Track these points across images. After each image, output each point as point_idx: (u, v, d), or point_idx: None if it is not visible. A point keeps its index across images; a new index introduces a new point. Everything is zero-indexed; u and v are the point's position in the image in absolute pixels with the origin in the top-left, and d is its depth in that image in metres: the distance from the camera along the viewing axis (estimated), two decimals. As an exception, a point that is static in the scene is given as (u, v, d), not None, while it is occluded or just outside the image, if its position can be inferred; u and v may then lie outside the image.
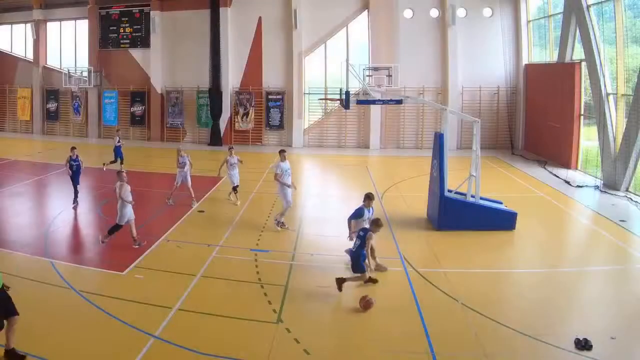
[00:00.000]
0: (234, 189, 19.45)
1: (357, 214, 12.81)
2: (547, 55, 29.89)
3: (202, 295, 11.77)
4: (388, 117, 33.09)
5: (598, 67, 22.87)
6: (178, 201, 19.57)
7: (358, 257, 11.65)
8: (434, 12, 32.57)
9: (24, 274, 9.22)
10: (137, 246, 14.07)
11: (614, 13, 22.13)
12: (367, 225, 12.22)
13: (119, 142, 25.50)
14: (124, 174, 14.90)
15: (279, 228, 16.34)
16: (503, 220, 16.28)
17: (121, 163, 25.17)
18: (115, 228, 14.42)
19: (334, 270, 12.84)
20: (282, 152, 16.77)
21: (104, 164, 25.34)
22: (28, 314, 8.96)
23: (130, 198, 14.55)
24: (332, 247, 14.68)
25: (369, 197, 13.06)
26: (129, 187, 14.60)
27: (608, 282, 12.75)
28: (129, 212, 14.55)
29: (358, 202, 13.46)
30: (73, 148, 19.95)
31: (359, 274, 11.71)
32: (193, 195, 19.39)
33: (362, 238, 11.62)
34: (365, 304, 10.65)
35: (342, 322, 10.80)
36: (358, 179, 24.72)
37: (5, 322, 8.54)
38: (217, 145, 34.12)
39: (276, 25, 34.27)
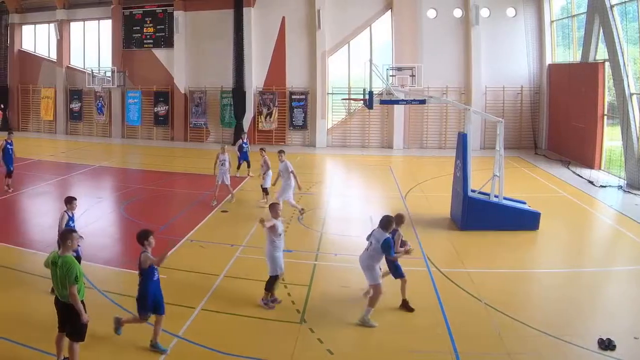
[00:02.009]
0: (265, 190, 19.90)
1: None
2: (570, 55, 31.12)
3: (225, 295, 12.12)
4: (411, 117, 34.36)
5: (621, 67, 23.78)
6: (207, 199, 20.40)
7: (394, 263, 11.29)
8: (458, 12, 33.83)
9: (48, 274, 9.02)
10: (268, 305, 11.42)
11: (638, 13, 23.02)
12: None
13: (245, 142, 24.97)
14: (279, 208, 12.04)
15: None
16: (526, 220, 16.76)
17: (248, 167, 25.37)
18: (273, 281, 11.58)
19: (357, 270, 12.30)
20: (281, 152, 18.52)
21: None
22: (52, 314, 8.99)
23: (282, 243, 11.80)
24: (356, 247, 14.30)
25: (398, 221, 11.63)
26: (281, 226, 11.72)
27: (631, 282, 13.03)
28: (281, 259, 11.72)
29: (381, 203, 13.81)
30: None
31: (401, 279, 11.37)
32: (232, 193, 20.51)
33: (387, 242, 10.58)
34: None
35: None
36: (381, 179, 25.62)
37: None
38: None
39: (300, 25, 35.67)
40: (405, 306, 11.19)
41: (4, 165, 21.84)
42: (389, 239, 10.60)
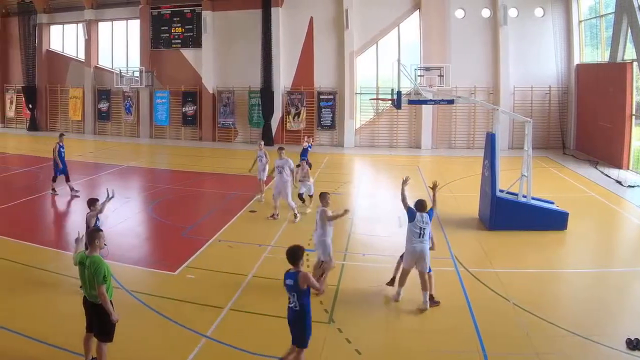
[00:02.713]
0: (301, 197, 19.87)
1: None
2: (598, 55, 32.35)
3: (253, 295, 12.52)
4: (439, 117, 35.83)
5: (649, 67, 24.64)
6: (235, 199, 21.23)
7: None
8: (486, 12, 35.24)
9: (76, 274, 9.46)
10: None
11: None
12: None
13: (310, 145, 24.06)
14: (329, 197, 13.14)
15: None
16: (554, 220, 17.28)
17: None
18: (320, 265, 12.70)
19: (385, 270, 13.40)
20: (280, 149, 19.29)
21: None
22: (80, 315, 9.34)
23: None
24: (384, 247, 15.74)
25: None
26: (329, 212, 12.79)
27: (660, 282, 13.38)
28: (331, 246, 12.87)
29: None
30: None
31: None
32: (262, 190, 21.16)
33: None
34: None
35: (393, 321, 11.56)
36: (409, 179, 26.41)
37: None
38: (268, 145, 36.71)
39: (327, 25, 37.32)
40: (432, 301, 11.74)
41: (57, 168, 22.62)
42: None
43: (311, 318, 8.93)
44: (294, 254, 8.82)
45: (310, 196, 19.98)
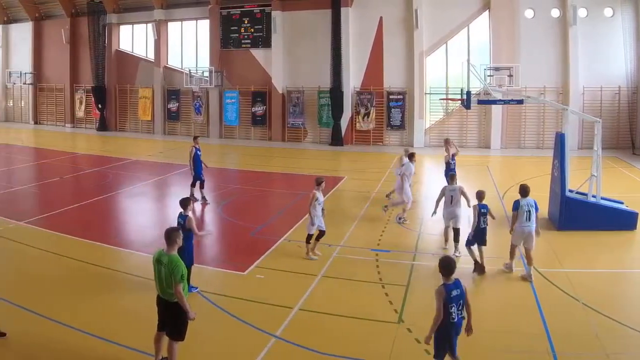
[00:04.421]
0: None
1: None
2: (668, 55, 35.69)
3: (322, 295, 13.46)
4: (509, 117, 39.49)
5: None
6: (304, 199, 20.54)
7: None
8: (555, 12, 38.65)
9: (146, 274, 10.63)
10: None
11: None
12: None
13: (453, 158, 23.02)
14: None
15: (399, 222, 19.71)
16: (624, 220, 18.47)
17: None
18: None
19: (456, 270, 12.90)
20: (412, 154, 20.55)
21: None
22: (152, 315, 10.05)
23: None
24: (452, 247, 16.73)
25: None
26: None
27: None
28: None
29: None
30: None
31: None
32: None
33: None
34: None
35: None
36: (479, 179, 27.70)
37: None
38: (338, 145, 41.83)
39: (397, 25, 41.43)
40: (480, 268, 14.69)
41: (193, 173, 23.20)
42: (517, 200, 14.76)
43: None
44: (448, 264, 9.32)
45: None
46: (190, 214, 13.32)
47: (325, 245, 16.84)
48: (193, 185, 23.23)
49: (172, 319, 9.66)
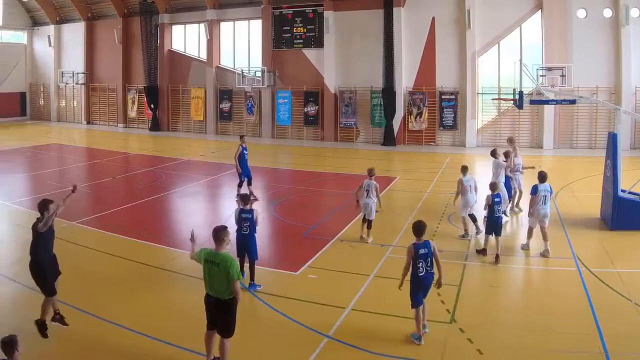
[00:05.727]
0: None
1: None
2: None
3: (375, 295, 14.06)
4: (561, 117, 42.15)
5: None
6: (353, 201, 20.46)
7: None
8: (607, 12, 41.12)
9: (197, 274, 11.04)
10: None
11: None
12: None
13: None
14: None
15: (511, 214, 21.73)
16: None
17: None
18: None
19: (507, 270, 15.90)
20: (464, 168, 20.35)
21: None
22: (202, 313, 10.48)
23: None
24: (507, 248, 17.56)
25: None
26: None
27: None
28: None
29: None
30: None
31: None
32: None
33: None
34: None
35: (515, 321, 12.83)
36: (530, 179, 25.41)
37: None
38: (390, 145, 45.13)
39: (449, 25, 44.50)
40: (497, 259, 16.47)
41: (240, 172, 24.58)
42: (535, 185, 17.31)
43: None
44: (419, 227, 11.88)
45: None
46: (255, 207, 14.34)
47: (378, 246, 17.94)
48: (240, 185, 24.80)
49: (223, 317, 10.14)
